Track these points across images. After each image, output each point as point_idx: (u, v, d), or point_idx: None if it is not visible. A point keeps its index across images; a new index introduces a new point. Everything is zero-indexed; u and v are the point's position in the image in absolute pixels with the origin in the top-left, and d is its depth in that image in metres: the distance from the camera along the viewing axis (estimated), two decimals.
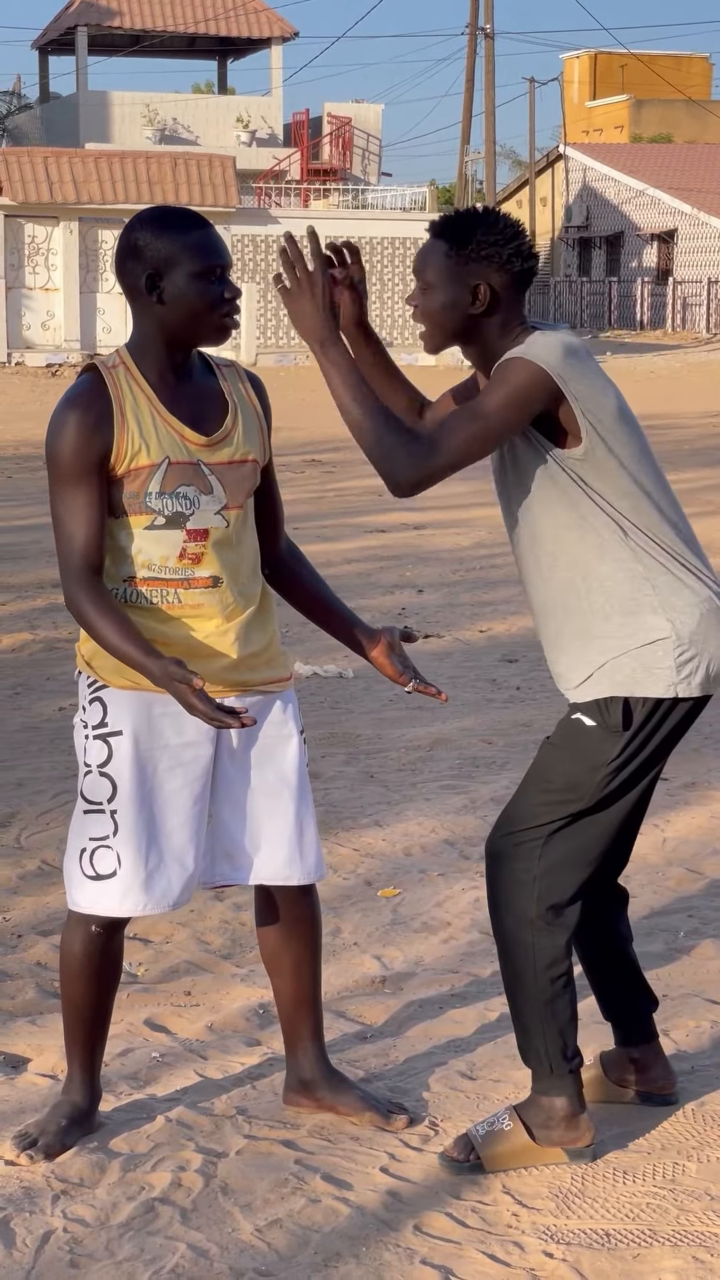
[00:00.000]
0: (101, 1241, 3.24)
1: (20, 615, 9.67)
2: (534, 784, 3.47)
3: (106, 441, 3.34)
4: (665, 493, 3.41)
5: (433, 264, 3.36)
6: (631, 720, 3.36)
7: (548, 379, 3.25)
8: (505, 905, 3.47)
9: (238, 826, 3.55)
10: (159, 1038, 4.14)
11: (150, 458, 3.36)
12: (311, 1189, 3.42)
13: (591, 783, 3.39)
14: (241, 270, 33.18)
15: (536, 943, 3.43)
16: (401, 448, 3.28)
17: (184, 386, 3.43)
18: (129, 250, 3.36)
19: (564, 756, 3.43)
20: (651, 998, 3.76)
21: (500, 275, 3.33)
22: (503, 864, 3.47)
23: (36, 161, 31.93)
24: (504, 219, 3.37)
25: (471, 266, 3.33)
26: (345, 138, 40.09)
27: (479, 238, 3.32)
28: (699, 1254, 3.19)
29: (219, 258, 3.36)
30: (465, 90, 38.77)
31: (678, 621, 3.34)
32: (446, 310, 3.37)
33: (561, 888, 3.43)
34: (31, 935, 4.82)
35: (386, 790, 6.22)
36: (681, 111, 59.94)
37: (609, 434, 3.31)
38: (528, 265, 3.36)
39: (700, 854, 5.52)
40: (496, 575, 11.03)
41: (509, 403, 3.25)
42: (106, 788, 3.45)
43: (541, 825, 3.42)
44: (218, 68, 45.58)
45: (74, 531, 3.35)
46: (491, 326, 3.37)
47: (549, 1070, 3.48)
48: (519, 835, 3.45)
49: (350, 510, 14.27)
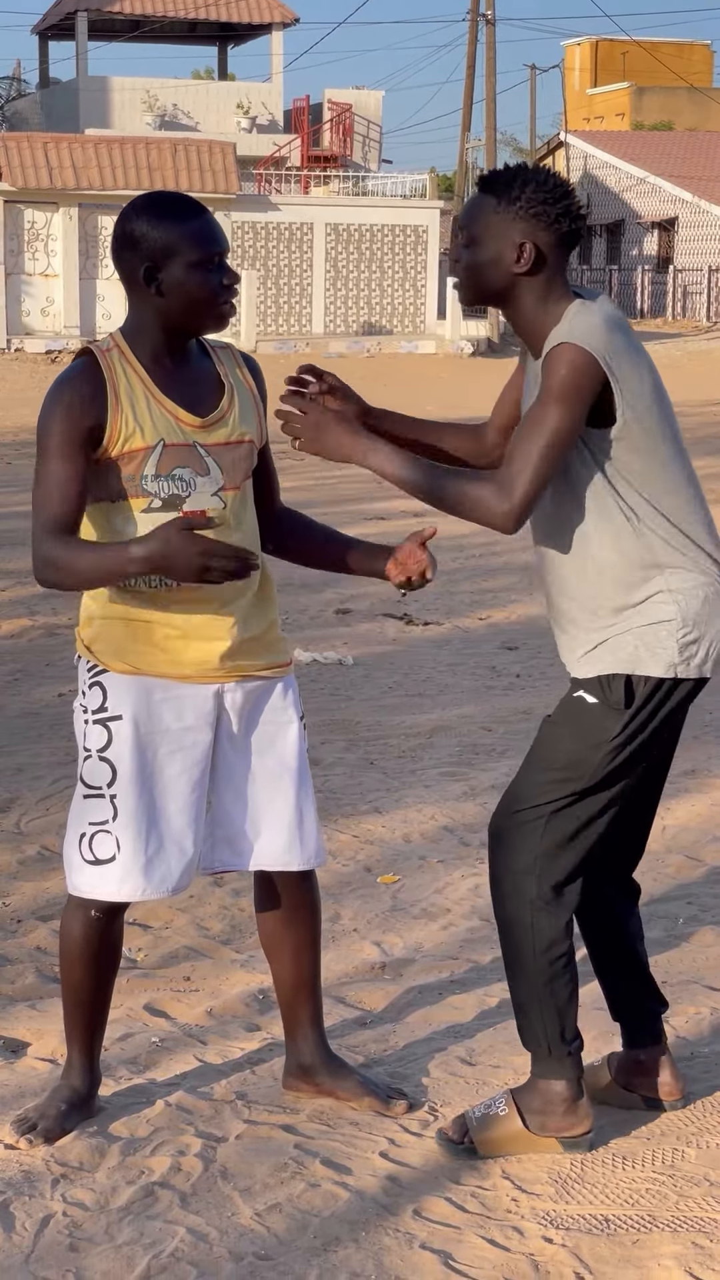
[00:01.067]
0: (101, 1225, 3.25)
1: (20, 601, 9.67)
2: (536, 763, 3.46)
3: (97, 422, 3.32)
4: (690, 474, 3.39)
5: (479, 218, 3.29)
6: (634, 698, 3.35)
7: (597, 367, 3.20)
8: (506, 885, 3.46)
9: (238, 812, 3.55)
10: (158, 1023, 4.14)
11: (145, 440, 3.35)
12: (311, 1174, 3.42)
13: (593, 761, 3.38)
14: (241, 257, 33.12)
15: (536, 923, 3.43)
16: (487, 494, 3.23)
17: (179, 370, 3.42)
18: (125, 240, 3.34)
19: (566, 734, 3.42)
20: (660, 999, 3.72)
21: (547, 234, 3.26)
22: (504, 843, 3.46)
23: (36, 147, 31.86)
24: (554, 177, 3.29)
25: (518, 223, 3.26)
26: (346, 124, 39.99)
27: (529, 194, 3.24)
28: (698, 1239, 3.20)
29: (216, 245, 3.33)
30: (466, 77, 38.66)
31: (683, 603, 3.33)
32: (489, 267, 3.30)
33: (562, 867, 3.42)
34: (31, 920, 4.82)
35: (386, 777, 6.22)
36: (683, 99, 59.82)
37: (645, 414, 3.27)
38: (575, 226, 3.28)
39: (700, 841, 5.52)
40: (496, 563, 11.02)
41: (568, 404, 3.19)
42: (106, 772, 3.45)
43: (544, 804, 3.41)
44: (218, 53, 45.46)
45: (49, 494, 3.32)
46: (533, 287, 3.30)
47: (547, 1052, 3.47)
48: (521, 815, 3.44)
49: (349, 498, 14.26)
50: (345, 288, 34.35)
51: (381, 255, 34.41)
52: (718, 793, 6.04)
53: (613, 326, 3.26)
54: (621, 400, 3.24)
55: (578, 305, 3.29)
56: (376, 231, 34.31)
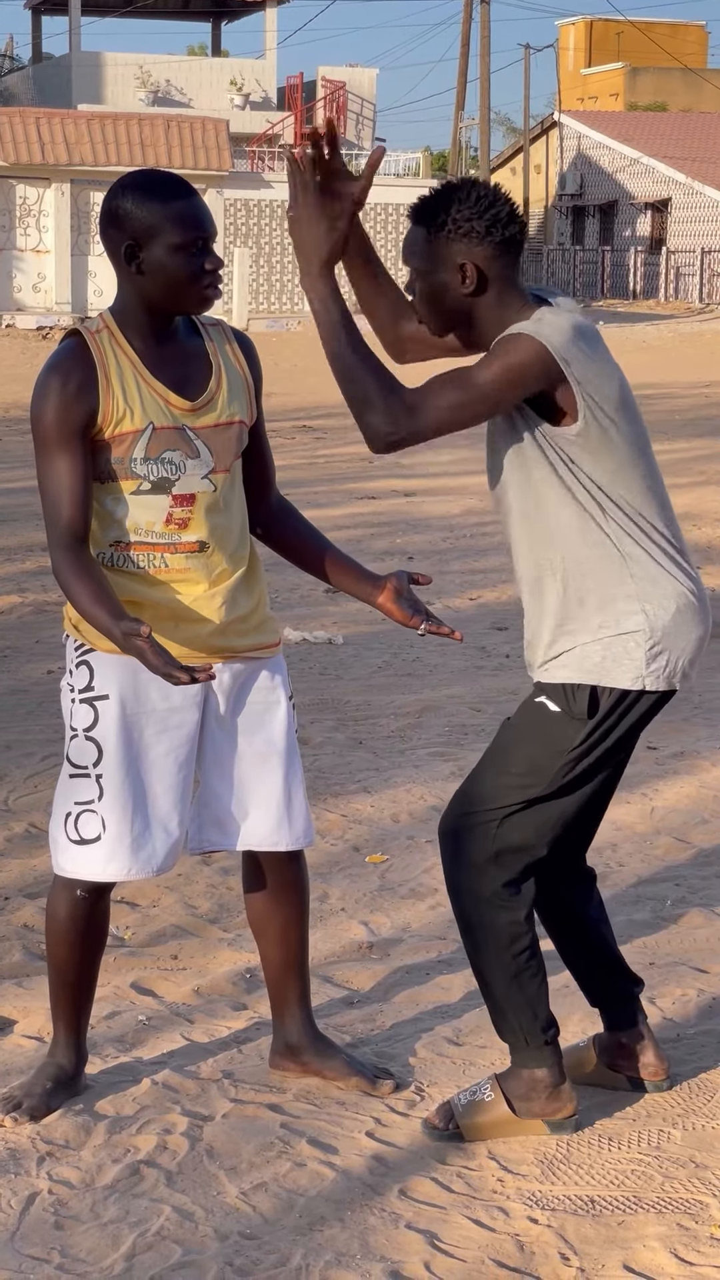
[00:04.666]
0: (87, 1203, 3.25)
1: (9, 578, 9.65)
2: (492, 765, 3.41)
3: (90, 406, 3.31)
4: (656, 482, 3.33)
5: (416, 250, 3.26)
6: (598, 708, 3.31)
7: (549, 359, 3.14)
8: (461, 886, 3.43)
9: (225, 792, 3.54)
10: (146, 1001, 4.14)
11: (135, 423, 3.33)
12: (297, 1153, 3.42)
13: (552, 769, 3.34)
14: (234, 235, 33.04)
15: (495, 922, 3.40)
16: (383, 405, 3.15)
17: (168, 349, 3.40)
18: (110, 216, 3.32)
19: (526, 739, 3.37)
20: (633, 978, 3.70)
21: (483, 248, 3.20)
22: (457, 844, 3.42)
23: (29, 122, 31.74)
24: (477, 189, 3.22)
25: (452, 246, 3.20)
26: (339, 102, 39.84)
27: (453, 214, 3.19)
28: (683, 1221, 3.20)
29: (200, 229, 3.30)
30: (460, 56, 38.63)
31: (652, 613, 3.29)
32: (440, 296, 3.26)
33: (515, 865, 3.39)
34: (18, 898, 4.81)
35: (375, 757, 6.22)
36: (677, 80, 59.69)
37: (608, 420, 3.21)
38: (509, 233, 3.22)
39: (688, 823, 5.52)
40: (486, 543, 11.01)
41: (503, 378, 3.14)
42: (92, 752, 3.44)
43: (498, 808, 3.37)
44: (211, 30, 45.30)
45: (58, 498, 3.32)
46: (488, 304, 3.25)
47: (524, 1043, 3.47)
48: (474, 816, 3.39)
49: (341, 476, 14.24)
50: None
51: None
52: (706, 775, 6.04)
53: (579, 333, 3.20)
54: (582, 402, 3.18)
55: (546, 310, 3.23)
56: (369, 210, 34.22)
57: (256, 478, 3.59)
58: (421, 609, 3.49)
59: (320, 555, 3.60)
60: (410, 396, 3.18)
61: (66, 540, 3.31)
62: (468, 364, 3.25)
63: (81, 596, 3.26)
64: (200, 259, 3.30)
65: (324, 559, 3.60)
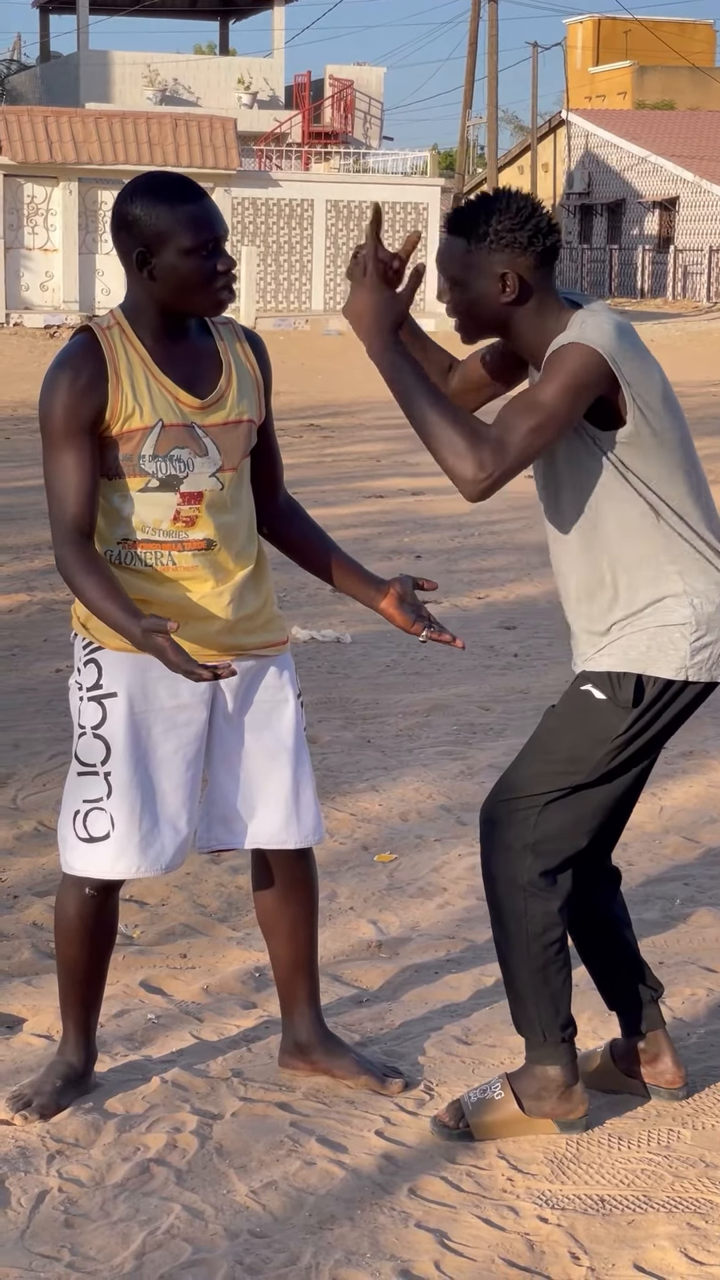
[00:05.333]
0: (97, 1201, 3.24)
1: (17, 576, 9.66)
2: (536, 753, 3.44)
3: (99, 402, 3.31)
4: (700, 477, 3.39)
5: (455, 261, 3.29)
6: (643, 697, 3.34)
7: (604, 364, 3.18)
8: (498, 872, 3.45)
9: (233, 790, 3.54)
10: (155, 1000, 4.13)
11: (144, 420, 3.33)
12: (307, 1152, 3.42)
13: (595, 757, 3.37)
14: (241, 233, 33.03)
15: (529, 909, 3.41)
16: (472, 454, 3.17)
17: (179, 348, 3.40)
18: (120, 222, 3.31)
19: (569, 727, 3.40)
20: (655, 983, 3.69)
21: (524, 259, 3.25)
22: (497, 830, 3.45)
23: (36, 121, 31.74)
24: (516, 199, 3.27)
25: (494, 257, 3.25)
26: (347, 101, 39.83)
27: (494, 226, 3.23)
28: (693, 1220, 3.20)
29: (211, 231, 3.29)
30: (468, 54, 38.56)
31: (699, 606, 3.33)
32: (478, 305, 3.29)
33: (554, 855, 3.41)
34: (28, 896, 4.82)
35: (383, 755, 6.21)
36: (685, 78, 59.64)
37: (655, 417, 3.26)
38: (549, 242, 3.27)
39: (697, 822, 5.51)
40: (494, 542, 11.01)
41: (569, 391, 3.17)
42: (100, 750, 3.44)
43: (539, 794, 3.40)
44: (219, 28, 45.28)
45: (64, 494, 3.31)
46: (527, 312, 3.29)
47: (542, 1038, 3.47)
48: (516, 802, 3.42)
49: (348, 475, 14.24)
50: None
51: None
52: (715, 774, 6.03)
53: (620, 332, 3.25)
54: (631, 403, 3.23)
55: (584, 313, 3.27)
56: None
57: (265, 477, 3.58)
58: (424, 615, 3.49)
59: (325, 557, 3.60)
60: (493, 434, 3.20)
61: (72, 536, 3.31)
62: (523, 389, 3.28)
63: (90, 591, 3.25)
64: (212, 261, 3.29)
65: (329, 561, 3.60)
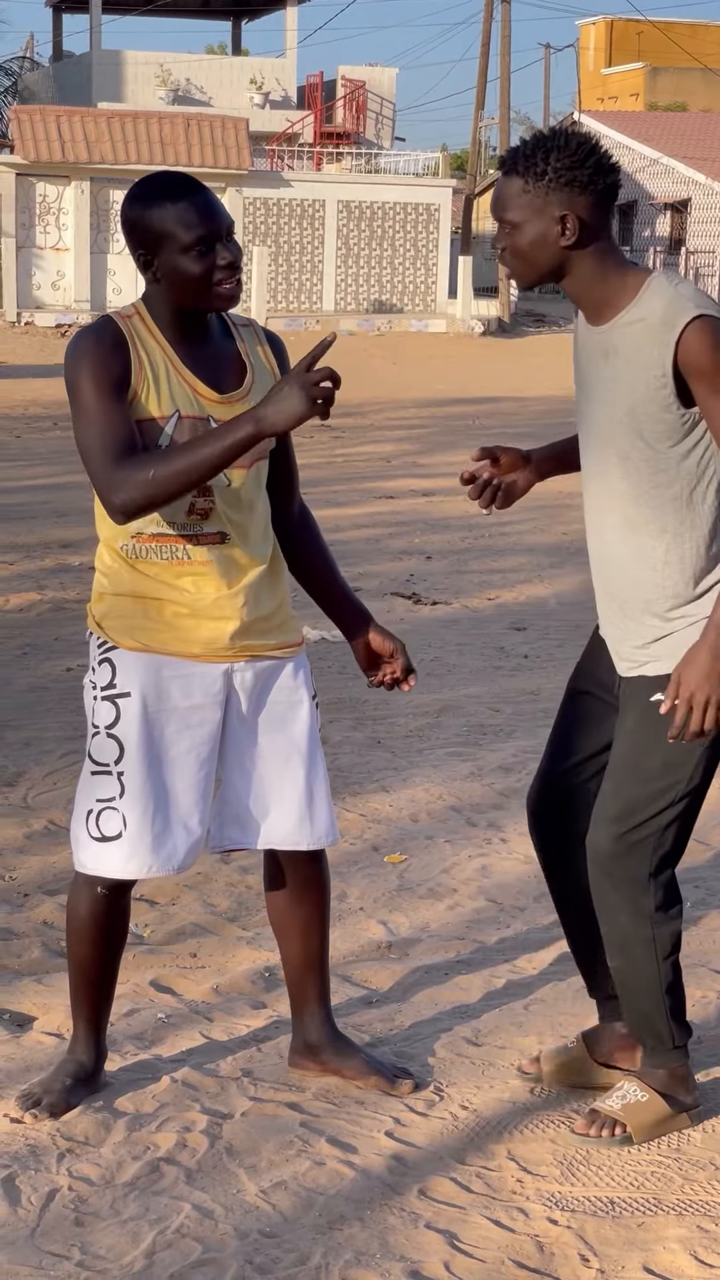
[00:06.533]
0: (107, 1200, 3.25)
1: (28, 575, 9.66)
2: (629, 777, 3.36)
3: (124, 365, 3.28)
4: None
5: (513, 202, 3.18)
6: None
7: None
8: (622, 905, 3.39)
9: (246, 791, 3.54)
10: (165, 999, 4.14)
11: (162, 410, 3.32)
12: (316, 1152, 3.43)
13: (691, 759, 3.31)
14: (253, 234, 33.03)
15: (657, 936, 3.39)
16: None
17: (201, 348, 3.39)
18: (125, 228, 3.32)
19: (654, 740, 3.32)
20: None
21: (585, 198, 3.15)
22: (615, 864, 3.36)
23: (49, 120, 31.75)
24: (575, 138, 3.17)
25: (553, 196, 3.14)
26: (359, 101, 39.83)
27: (553, 163, 3.13)
28: (703, 1223, 3.20)
29: (208, 224, 3.26)
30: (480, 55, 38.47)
31: None
32: (537, 248, 3.19)
33: (668, 874, 3.39)
34: (38, 895, 4.82)
35: (393, 756, 6.22)
36: (697, 80, 59.56)
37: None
38: (610, 180, 3.17)
39: (707, 825, 5.50)
40: (505, 543, 11.01)
41: None
42: (114, 749, 3.44)
43: (654, 817, 3.33)
44: (232, 28, 45.29)
45: (105, 429, 3.24)
46: (586, 257, 3.19)
47: (671, 1045, 3.49)
48: (632, 834, 3.35)
49: (360, 475, 14.24)
50: (356, 265, 34.26)
51: (393, 233, 34.31)
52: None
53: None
54: None
55: (662, 276, 3.19)
56: (388, 209, 34.21)
57: (281, 481, 3.58)
58: (379, 665, 3.65)
59: (321, 579, 3.65)
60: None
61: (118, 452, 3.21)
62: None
63: (177, 464, 3.18)
64: (211, 255, 3.27)
65: (322, 583, 3.65)
